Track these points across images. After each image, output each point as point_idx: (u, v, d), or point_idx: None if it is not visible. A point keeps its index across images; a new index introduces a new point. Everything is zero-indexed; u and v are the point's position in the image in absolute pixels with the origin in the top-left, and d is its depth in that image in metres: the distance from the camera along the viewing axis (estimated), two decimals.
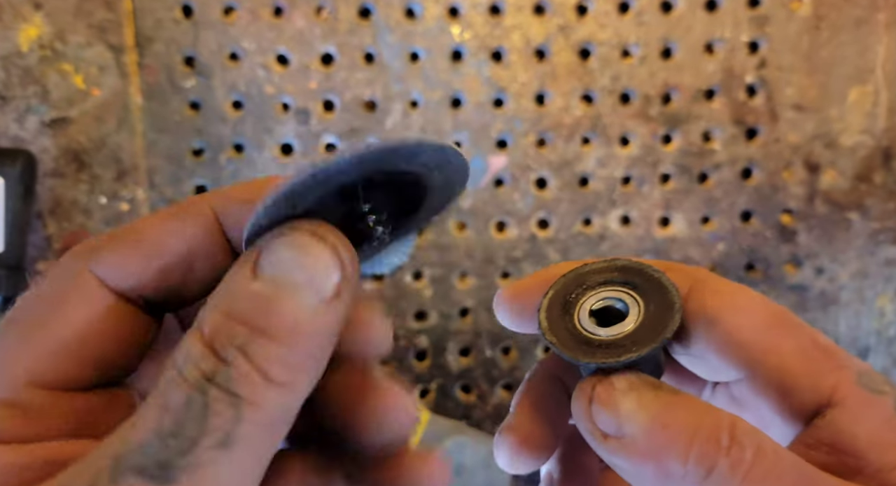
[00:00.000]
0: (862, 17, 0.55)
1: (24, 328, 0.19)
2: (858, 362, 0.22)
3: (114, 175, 0.53)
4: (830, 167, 0.56)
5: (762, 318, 0.22)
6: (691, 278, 0.23)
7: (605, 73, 0.55)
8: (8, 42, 0.52)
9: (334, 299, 0.17)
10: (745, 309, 0.22)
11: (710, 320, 0.22)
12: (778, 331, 0.22)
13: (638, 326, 0.22)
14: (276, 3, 0.53)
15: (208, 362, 0.16)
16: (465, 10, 0.54)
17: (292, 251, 0.17)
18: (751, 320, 0.22)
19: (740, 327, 0.22)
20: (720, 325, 0.22)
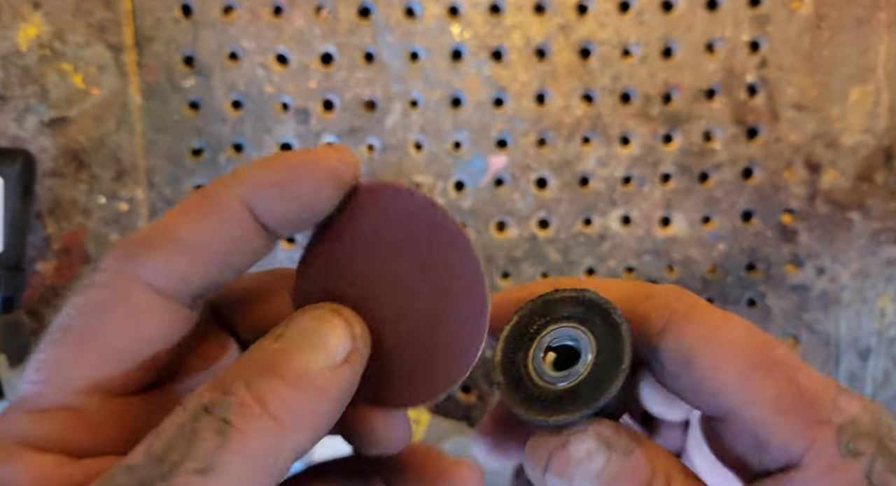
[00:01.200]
0: (863, 17, 0.54)
1: (78, 335, 0.19)
2: (846, 410, 0.19)
3: (113, 175, 0.53)
4: (831, 167, 0.56)
5: (742, 359, 0.20)
6: (669, 309, 0.21)
7: (606, 73, 0.54)
8: (7, 41, 0.51)
9: (343, 364, 0.18)
10: (725, 348, 0.20)
11: (685, 359, 0.20)
12: (758, 375, 0.19)
13: (587, 376, 0.20)
14: (276, 3, 0.53)
15: (211, 394, 0.17)
16: (465, 10, 0.53)
17: (311, 321, 0.19)
18: (729, 362, 0.20)
19: (716, 369, 0.20)
20: (695, 367, 0.20)
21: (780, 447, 0.19)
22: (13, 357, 0.48)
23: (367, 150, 0.54)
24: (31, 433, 0.18)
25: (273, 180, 0.19)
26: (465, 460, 0.23)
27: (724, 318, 0.20)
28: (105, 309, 0.19)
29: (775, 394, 0.19)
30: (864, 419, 0.19)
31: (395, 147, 0.54)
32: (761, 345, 0.20)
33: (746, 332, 0.20)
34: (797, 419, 0.19)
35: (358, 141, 0.54)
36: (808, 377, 0.19)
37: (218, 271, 0.20)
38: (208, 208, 0.19)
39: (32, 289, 0.53)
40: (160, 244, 0.19)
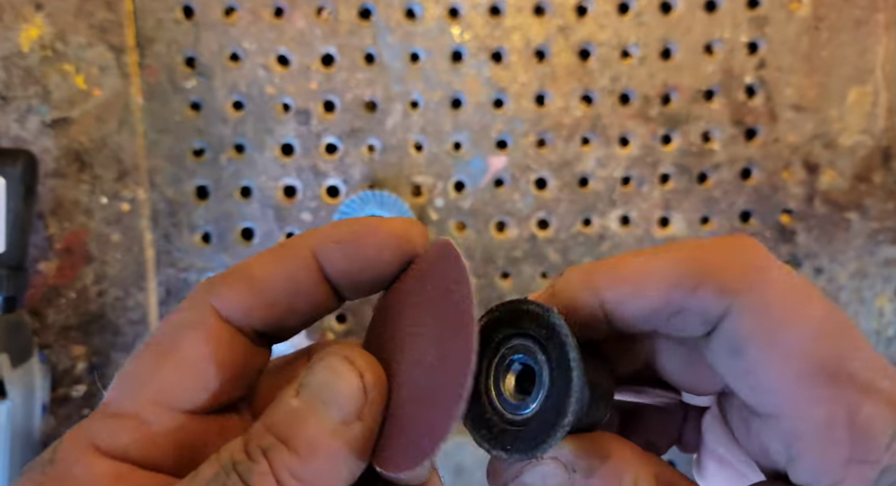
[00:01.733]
0: (861, 18, 0.54)
1: (158, 351, 0.21)
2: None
3: (115, 175, 0.53)
4: (829, 167, 0.55)
5: (801, 366, 0.17)
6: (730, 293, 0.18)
7: (605, 74, 0.54)
8: (9, 42, 0.51)
9: (355, 419, 0.19)
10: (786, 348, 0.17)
11: (734, 347, 0.18)
12: (814, 390, 0.17)
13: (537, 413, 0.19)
14: (277, 4, 0.53)
15: (240, 454, 0.18)
16: (465, 11, 0.53)
17: (326, 373, 0.19)
18: (784, 366, 0.17)
19: (768, 368, 0.18)
20: (745, 358, 0.18)
21: (811, 471, 0.18)
22: (15, 357, 0.48)
23: (367, 150, 0.54)
24: (101, 436, 0.19)
25: (341, 237, 0.21)
26: None
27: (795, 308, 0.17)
28: (182, 329, 0.21)
29: (826, 417, 0.17)
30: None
31: (395, 148, 0.54)
32: (832, 356, 0.17)
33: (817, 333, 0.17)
34: (839, 452, 0.17)
35: (358, 142, 0.54)
36: (874, 410, 0.17)
37: (281, 311, 0.21)
38: (281, 253, 0.21)
39: (34, 289, 0.53)
40: (233, 278, 0.21)
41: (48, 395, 0.52)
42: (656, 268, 0.19)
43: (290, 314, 0.22)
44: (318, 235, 0.21)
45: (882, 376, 0.17)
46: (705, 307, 0.19)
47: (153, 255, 0.53)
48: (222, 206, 0.54)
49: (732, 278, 0.18)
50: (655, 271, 0.19)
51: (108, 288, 0.53)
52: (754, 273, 0.18)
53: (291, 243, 0.21)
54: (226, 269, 0.22)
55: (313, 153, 0.54)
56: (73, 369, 0.54)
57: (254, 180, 0.54)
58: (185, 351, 0.20)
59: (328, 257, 0.21)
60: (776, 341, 0.17)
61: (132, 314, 0.54)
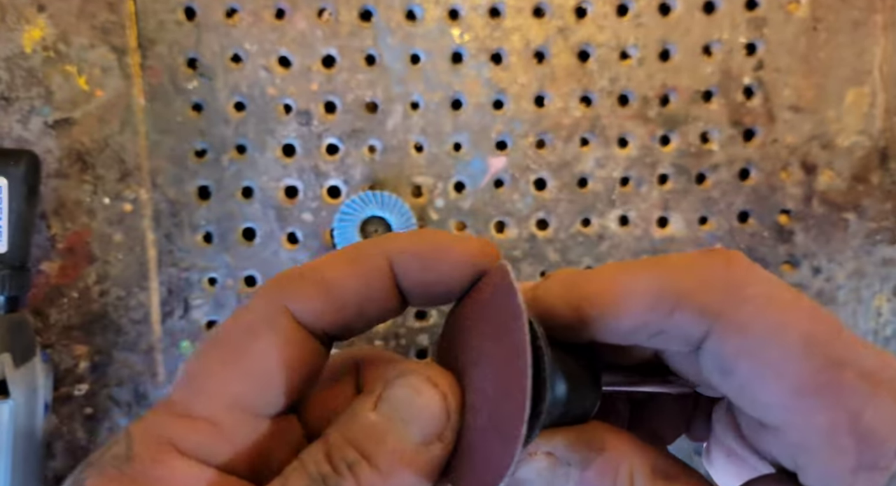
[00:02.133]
0: (859, 19, 0.54)
1: (228, 353, 0.20)
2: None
3: (117, 176, 0.53)
4: (827, 168, 0.55)
5: (794, 379, 0.17)
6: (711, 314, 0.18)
7: (604, 75, 0.54)
8: (11, 43, 0.51)
9: (436, 440, 0.19)
10: (775, 365, 0.17)
11: (724, 369, 0.18)
12: (812, 400, 0.17)
13: None
14: (278, 6, 0.52)
15: (325, 466, 0.18)
16: (465, 13, 0.53)
17: (407, 391, 0.19)
18: (776, 383, 0.17)
19: (761, 385, 0.17)
20: (737, 377, 0.18)
21: (817, 477, 0.17)
22: (17, 356, 0.48)
23: (368, 151, 0.54)
24: (178, 436, 0.19)
25: (420, 250, 0.21)
26: None
27: (776, 321, 0.17)
28: (254, 332, 0.20)
29: (829, 426, 0.17)
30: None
31: (396, 148, 0.54)
32: (825, 366, 0.17)
33: (805, 346, 0.17)
34: (846, 459, 0.16)
35: (359, 142, 0.54)
36: (878, 413, 0.16)
37: (350, 315, 0.21)
38: (356, 257, 0.21)
39: (37, 288, 0.53)
40: (307, 280, 0.21)
41: (50, 394, 0.52)
42: (633, 289, 0.19)
43: (358, 318, 0.21)
44: (396, 244, 0.21)
45: (882, 375, 0.17)
46: (684, 330, 0.18)
47: (155, 255, 0.53)
48: (224, 206, 0.54)
49: (710, 299, 0.18)
50: (632, 292, 0.19)
51: (110, 288, 0.53)
52: (732, 292, 0.18)
53: (367, 249, 0.21)
54: (295, 269, 0.21)
55: (314, 154, 0.54)
56: (76, 369, 0.53)
57: (255, 181, 0.54)
58: (259, 354, 0.20)
59: (404, 267, 0.21)
60: (763, 358, 0.17)
61: (134, 314, 0.53)
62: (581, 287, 0.20)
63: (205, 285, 0.54)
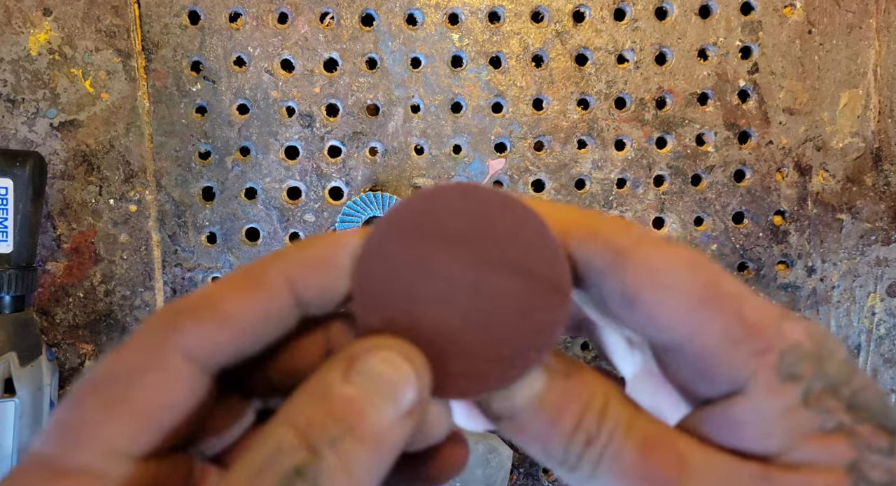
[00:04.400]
0: (853, 23, 0.52)
1: (108, 397, 0.18)
2: (789, 336, 0.18)
3: (122, 177, 0.51)
4: (822, 169, 0.54)
5: (687, 296, 0.19)
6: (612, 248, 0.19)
7: (601, 79, 0.53)
8: (18, 46, 0.50)
9: (409, 415, 0.18)
10: (669, 287, 0.19)
11: (628, 300, 0.19)
12: (704, 310, 0.19)
13: None
14: (281, 10, 0.51)
15: (300, 454, 0.17)
16: (464, 17, 0.52)
17: (382, 365, 0.18)
18: (674, 300, 0.19)
19: (661, 306, 0.19)
20: (639, 306, 0.19)
21: (726, 377, 0.19)
22: (24, 355, 0.47)
23: (369, 153, 0.53)
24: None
25: (314, 260, 0.19)
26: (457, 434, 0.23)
27: (668, 256, 0.19)
28: (137, 372, 0.18)
29: (721, 327, 0.18)
30: (806, 344, 0.19)
31: (397, 151, 0.53)
32: (708, 282, 0.19)
33: (690, 270, 0.19)
34: (742, 349, 0.18)
35: (361, 145, 0.52)
36: (754, 308, 0.19)
37: (250, 342, 0.19)
38: (253, 283, 0.19)
39: (43, 288, 0.51)
40: (202, 314, 0.18)
41: (56, 392, 0.50)
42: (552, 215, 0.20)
43: (255, 344, 0.19)
44: (290, 262, 0.19)
45: (748, 291, 0.19)
46: (590, 257, 0.20)
47: (160, 255, 0.52)
48: (228, 207, 0.52)
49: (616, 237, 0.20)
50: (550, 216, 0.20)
51: (115, 287, 0.52)
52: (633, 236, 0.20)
53: (262, 271, 0.19)
54: (185, 300, 0.19)
55: (317, 156, 0.52)
56: (81, 367, 0.52)
57: (258, 182, 0.52)
58: (142, 396, 0.18)
59: (305, 281, 0.19)
60: (662, 283, 0.19)
61: (139, 313, 0.52)
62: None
63: None
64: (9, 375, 0.46)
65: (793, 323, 0.19)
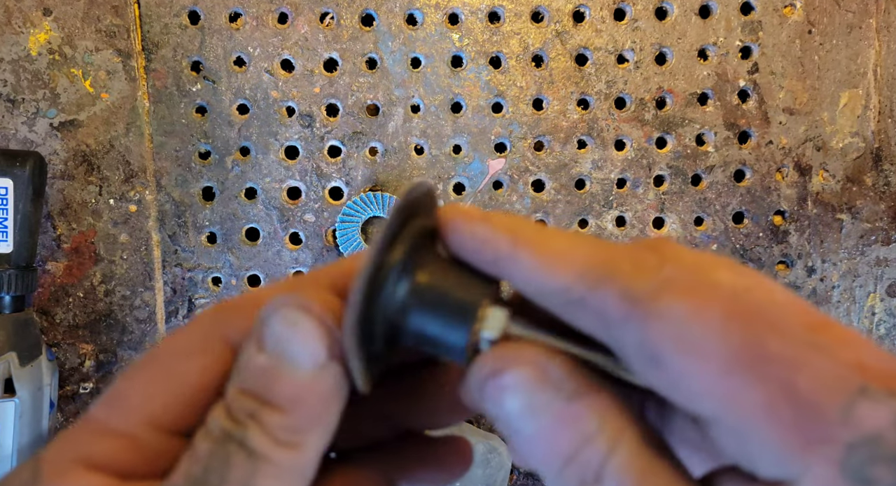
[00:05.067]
0: (853, 23, 0.52)
1: (155, 372, 0.19)
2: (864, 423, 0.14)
3: (122, 177, 0.51)
4: (821, 169, 0.54)
5: (719, 359, 0.15)
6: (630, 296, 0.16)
7: (601, 79, 0.52)
8: (18, 46, 0.49)
9: (328, 362, 0.18)
10: (697, 347, 0.15)
11: (651, 360, 0.16)
12: (741, 377, 0.15)
13: None
14: (281, 10, 0.51)
15: (227, 422, 0.17)
16: (464, 17, 0.51)
17: (284, 325, 0.18)
18: (703, 365, 0.15)
19: (689, 372, 0.15)
20: (665, 368, 0.16)
21: (771, 463, 0.15)
22: (24, 355, 0.46)
23: (369, 153, 0.52)
24: (88, 452, 0.18)
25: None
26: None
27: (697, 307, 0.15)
28: (187, 355, 0.19)
29: (764, 401, 0.14)
30: (890, 436, 0.14)
31: (397, 151, 0.52)
32: (746, 341, 0.15)
33: (725, 325, 0.15)
34: (791, 434, 0.14)
35: (361, 145, 0.52)
36: (812, 378, 0.14)
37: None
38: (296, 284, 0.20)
39: (43, 288, 0.51)
40: (247, 311, 0.19)
41: (56, 392, 0.50)
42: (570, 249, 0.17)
43: None
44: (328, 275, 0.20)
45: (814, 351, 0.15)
46: (603, 307, 0.16)
47: (160, 255, 0.52)
48: (228, 207, 0.52)
49: (635, 284, 0.16)
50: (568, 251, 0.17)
51: (115, 287, 0.51)
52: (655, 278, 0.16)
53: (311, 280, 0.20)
54: (239, 298, 0.21)
55: (317, 156, 0.52)
56: (81, 367, 0.52)
57: (258, 182, 0.52)
58: (186, 375, 0.19)
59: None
60: (687, 342, 0.15)
61: (139, 313, 0.52)
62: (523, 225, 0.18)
63: (209, 285, 0.52)
64: (9, 375, 0.45)
65: (872, 405, 0.14)
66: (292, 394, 0.17)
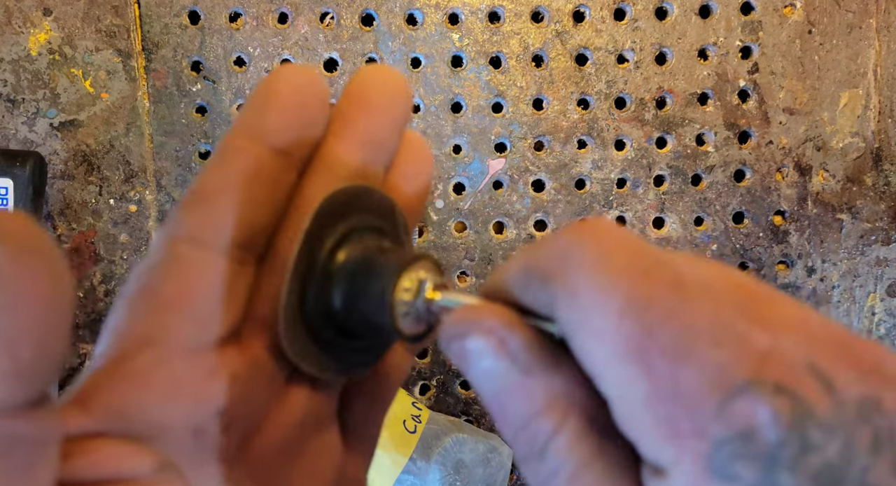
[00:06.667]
0: (853, 23, 0.52)
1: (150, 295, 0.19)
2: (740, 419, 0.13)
3: (122, 177, 0.51)
4: (822, 169, 0.53)
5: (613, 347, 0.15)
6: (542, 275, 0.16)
7: (601, 78, 0.52)
8: (18, 46, 0.49)
9: None
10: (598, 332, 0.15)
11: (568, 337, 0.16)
12: (630, 367, 0.14)
13: None
14: (281, 10, 0.51)
15: None
16: (464, 17, 0.51)
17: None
18: (602, 349, 0.15)
19: (591, 355, 0.15)
20: (574, 346, 0.16)
21: (649, 452, 0.15)
22: None
23: None
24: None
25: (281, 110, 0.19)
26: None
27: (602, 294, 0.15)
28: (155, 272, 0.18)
29: (646, 391, 0.14)
30: (766, 434, 0.13)
31: None
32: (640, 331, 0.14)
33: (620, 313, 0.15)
34: (664, 427, 0.14)
35: None
36: (695, 371, 0.14)
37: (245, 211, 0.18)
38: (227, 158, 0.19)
39: None
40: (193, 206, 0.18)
41: (56, 392, 0.50)
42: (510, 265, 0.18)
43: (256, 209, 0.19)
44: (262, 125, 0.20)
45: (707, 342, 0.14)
46: (538, 299, 0.17)
47: None
48: None
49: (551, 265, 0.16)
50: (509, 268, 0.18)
51: (115, 287, 0.51)
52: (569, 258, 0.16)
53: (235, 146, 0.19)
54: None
55: None
56: (82, 367, 0.52)
57: None
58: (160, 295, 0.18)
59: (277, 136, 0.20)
60: (590, 326, 0.15)
61: None
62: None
63: None
64: None
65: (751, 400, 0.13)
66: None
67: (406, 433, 0.48)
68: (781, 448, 0.13)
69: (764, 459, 0.13)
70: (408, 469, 0.48)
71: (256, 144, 0.18)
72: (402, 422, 0.49)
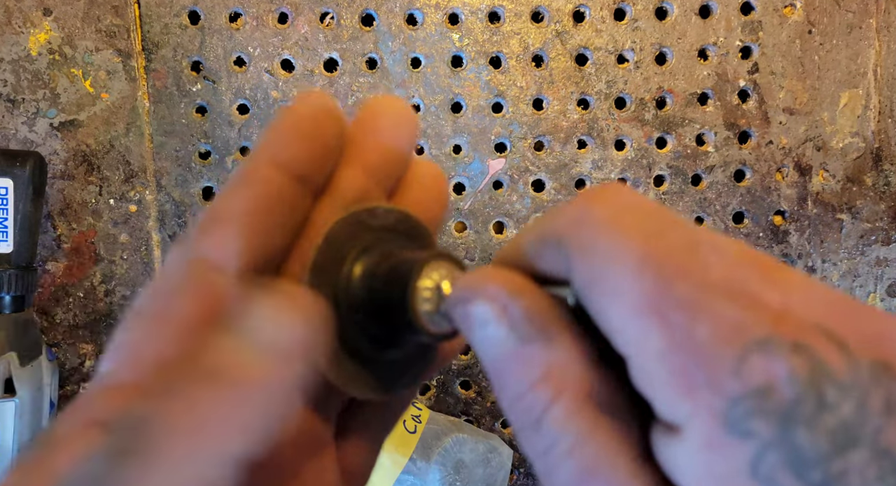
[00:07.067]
0: (853, 23, 0.52)
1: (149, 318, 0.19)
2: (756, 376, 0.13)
3: (122, 177, 0.51)
4: (822, 169, 0.53)
5: (629, 303, 0.15)
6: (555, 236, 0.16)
7: (601, 78, 0.52)
8: (18, 46, 0.49)
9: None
10: (613, 289, 0.15)
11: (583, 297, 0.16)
12: (647, 320, 0.14)
13: None
14: (281, 10, 0.51)
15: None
16: (464, 17, 0.51)
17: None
18: (618, 305, 0.15)
19: (607, 312, 0.15)
20: (589, 305, 0.16)
21: (664, 408, 0.15)
22: (24, 355, 0.46)
23: None
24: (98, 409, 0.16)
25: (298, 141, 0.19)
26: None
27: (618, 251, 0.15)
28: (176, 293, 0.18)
29: (662, 345, 0.14)
30: (782, 391, 0.13)
31: None
32: (655, 286, 0.14)
33: (636, 269, 0.15)
34: (680, 380, 0.14)
35: None
36: (712, 326, 0.14)
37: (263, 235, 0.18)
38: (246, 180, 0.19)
39: (43, 288, 0.51)
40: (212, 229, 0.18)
41: (56, 392, 0.50)
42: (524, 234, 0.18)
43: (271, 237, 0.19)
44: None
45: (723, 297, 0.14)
46: (554, 263, 0.17)
47: (160, 255, 0.51)
48: None
49: (564, 228, 0.16)
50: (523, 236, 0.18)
51: (115, 287, 0.51)
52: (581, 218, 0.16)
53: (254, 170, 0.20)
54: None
55: None
56: (81, 367, 0.52)
57: None
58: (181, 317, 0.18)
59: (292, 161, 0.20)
60: (605, 282, 0.15)
61: None
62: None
63: None
64: (9, 375, 0.45)
65: (768, 356, 0.13)
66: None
67: (406, 433, 0.48)
68: (798, 406, 0.13)
69: (780, 416, 0.13)
70: (408, 469, 0.48)
71: (278, 171, 0.19)
72: (402, 422, 0.49)
